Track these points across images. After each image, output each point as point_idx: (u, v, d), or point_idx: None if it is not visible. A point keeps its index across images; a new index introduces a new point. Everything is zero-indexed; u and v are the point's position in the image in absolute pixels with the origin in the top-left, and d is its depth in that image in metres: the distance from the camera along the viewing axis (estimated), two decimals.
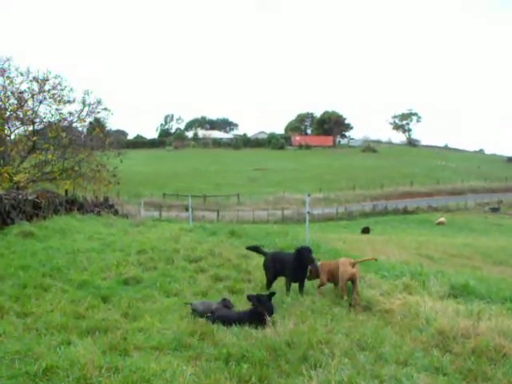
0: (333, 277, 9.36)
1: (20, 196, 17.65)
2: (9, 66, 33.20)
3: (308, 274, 9.45)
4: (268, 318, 6.99)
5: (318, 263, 9.53)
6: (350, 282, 8.99)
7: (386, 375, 5.17)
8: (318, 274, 9.49)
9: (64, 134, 32.74)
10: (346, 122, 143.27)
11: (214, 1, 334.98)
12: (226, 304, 7.78)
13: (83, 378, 4.67)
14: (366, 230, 36.68)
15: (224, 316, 7.30)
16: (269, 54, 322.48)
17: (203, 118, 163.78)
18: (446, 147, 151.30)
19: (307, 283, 9.55)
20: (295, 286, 9.44)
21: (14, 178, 29.12)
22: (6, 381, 4.75)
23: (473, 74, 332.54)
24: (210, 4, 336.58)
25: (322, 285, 9.42)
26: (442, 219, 49.43)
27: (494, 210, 63.75)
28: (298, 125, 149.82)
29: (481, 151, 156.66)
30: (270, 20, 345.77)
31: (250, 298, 7.63)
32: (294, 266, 9.23)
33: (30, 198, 18.26)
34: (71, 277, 9.83)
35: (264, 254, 10.32)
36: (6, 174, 29.12)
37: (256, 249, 10.84)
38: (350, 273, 8.87)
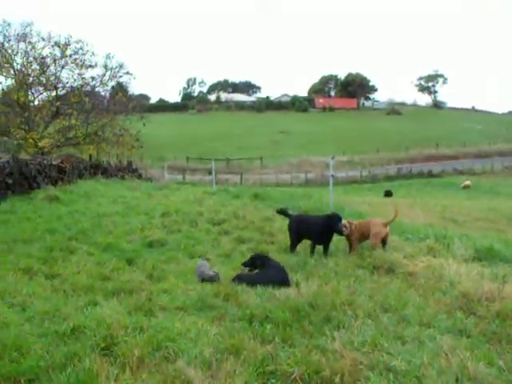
0: (363, 237, 9.58)
1: (45, 161, 17.86)
2: (30, 31, 33.31)
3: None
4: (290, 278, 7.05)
5: (353, 224, 9.63)
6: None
7: (408, 337, 5.18)
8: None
9: (87, 99, 32.90)
10: (371, 84, 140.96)
11: None
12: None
13: (110, 337, 4.76)
14: (388, 194, 36.35)
15: (248, 277, 7.35)
16: (291, 15, 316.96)
17: (226, 81, 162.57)
18: (473, 109, 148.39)
19: (332, 245, 9.56)
20: (319, 248, 9.46)
21: (39, 144, 29.50)
22: (37, 339, 4.87)
23: (499, 34, 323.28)
24: None
25: (354, 246, 9.54)
26: (468, 182, 48.77)
27: None
28: (322, 87, 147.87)
29: (509, 113, 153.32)
30: None
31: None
32: (321, 230, 9.23)
33: (54, 162, 18.48)
34: (96, 240, 9.99)
35: (289, 216, 10.32)
36: (30, 140, 29.54)
37: (283, 212, 10.83)
38: (384, 233, 9.40)
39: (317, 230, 9.30)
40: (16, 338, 4.76)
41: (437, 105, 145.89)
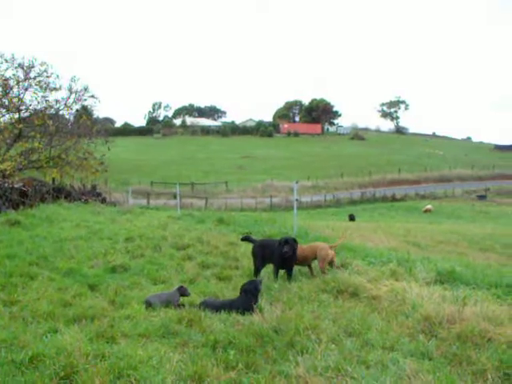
0: (306, 260, 9.87)
1: (6, 184, 17.56)
2: None
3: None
4: (255, 306, 7.00)
5: None
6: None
7: (372, 361, 5.21)
8: None
9: (50, 122, 32.34)
10: (334, 109, 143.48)
11: None
12: (182, 291, 7.70)
13: (70, 366, 4.65)
14: (351, 218, 36.85)
15: (211, 304, 7.29)
16: (257, 41, 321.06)
17: (191, 106, 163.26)
18: (433, 135, 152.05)
19: (295, 270, 9.58)
20: (283, 273, 9.47)
21: (0, 167, 28.84)
22: None
23: (461, 62, 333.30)
24: None
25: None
26: (429, 206, 49.74)
27: (481, 197, 64.14)
28: (287, 112, 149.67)
29: (468, 139, 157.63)
30: (260, 11, 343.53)
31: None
32: (281, 254, 9.24)
33: (16, 186, 18.18)
34: (58, 265, 9.78)
35: (253, 241, 10.32)
36: None
37: (247, 238, 10.85)
38: (330, 255, 9.75)
39: (277, 255, 9.33)
40: None
41: (399, 130, 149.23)
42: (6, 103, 32.76)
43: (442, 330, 6.15)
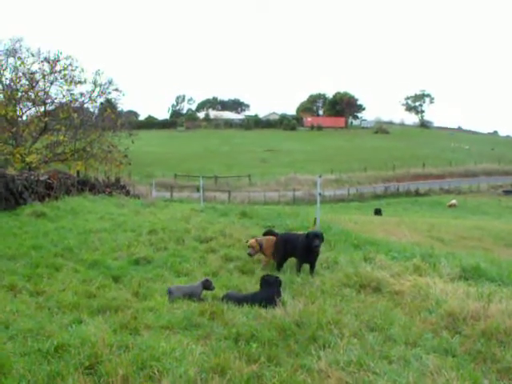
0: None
1: (32, 177, 17.75)
2: (20, 46, 33.19)
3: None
4: (278, 300, 7.00)
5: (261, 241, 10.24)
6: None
7: (394, 356, 5.18)
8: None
9: (75, 115, 32.75)
10: (359, 103, 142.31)
11: None
12: (207, 285, 7.70)
13: (94, 356, 4.71)
14: (378, 212, 36.45)
15: (235, 297, 7.30)
16: (282, 34, 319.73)
17: (215, 99, 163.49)
18: (459, 129, 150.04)
19: (318, 264, 9.55)
20: (306, 266, 9.45)
21: (26, 159, 29.30)
22: (19, 358, 4.81)
23: (487, 55, 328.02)
24: None
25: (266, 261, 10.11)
26: (454, 201, 49.20)
27: (508, 192, 63.09)
28: (310, 106, 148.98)
29: (495, 133, 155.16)
30: (283, 4, 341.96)
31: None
32: (305, 248, 9.22)
33: (42, 178, 18.36)
34: (83, 257, 9.91)
35: (275, 235, 10.32)
36: (18, 155, 29.34)
37: (270, 232, 10.85)
38: None
39: (300, 249, 9.30)
40: None
41: (424, 124, 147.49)
42: (33, 97, 33.25)
43: (466, 327, 6.08)
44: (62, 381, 4.31)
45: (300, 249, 9.33)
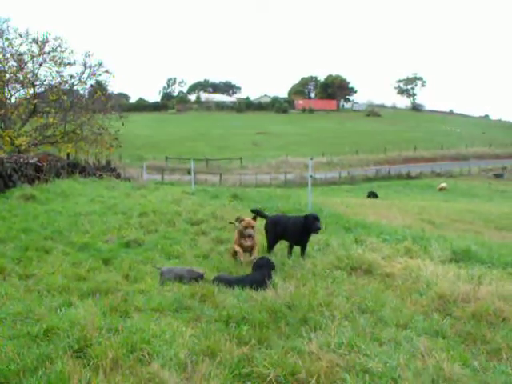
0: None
1: (21, 159, 17.63)
2: (7, 27, 32.79)
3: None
4: (269, 282, 6.97)
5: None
6: None
7: (385, 338, 5.18)
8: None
9: (65, 97, 32.51)
10: (350, 85, 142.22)
11: None
12: (197, 278, 7.44)
13: (83, 339, 4.67)
14: (372, 195, 36.26)
15: (226, 279, 7.26)
16: (272, 15, 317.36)
17: (206, 82, 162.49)
18: (450, 112, 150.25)
19: (309, 246, 9.53)
20: (297, 248, 9.43)
21: (16, 142, 29.07)
22: (8, 341, 4.76)
23: (480, 37, 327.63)
24: None
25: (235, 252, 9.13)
26: (444, 185, 49.37)
27: (498, 176, 63.50)
28: (302, 88, 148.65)
29: (486, 117, 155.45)
30: None
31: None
32: (299, 231, 9.17)
33: (31, 161, 18.25)
34: (73, 239, 9.87)
35: (265, 217, 10.27)
36: (7, 138, 29.08)
37: (258, 212, 10.80)
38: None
39: (294, 231, 9.26)
40: None
41: (415, 107, 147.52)
42: (21, 78, 32.89)
43: (456, 309, 6.10)
44: (51, 364, 4.27)
45: (293, 231, 9.30)
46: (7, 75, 32.50)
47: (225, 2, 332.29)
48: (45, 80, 34.27)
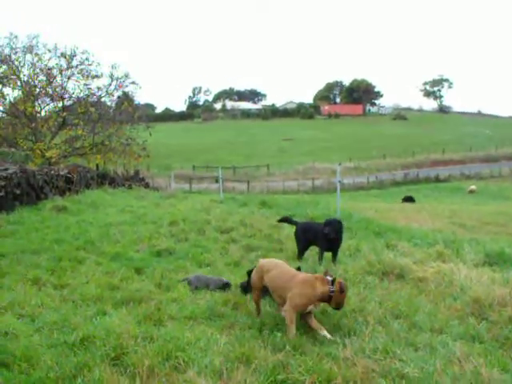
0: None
1: (52, 171, 17.91)
2: (37, 42, 33.47)
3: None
4: None
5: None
6: None
7: (420, 343, 5.13)
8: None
9: (93, 109, 33.00)
10: (376, 89, 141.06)
11: None
12: (224, 287, 7.55)
13: (119, 347, 4.73)
14: (408, 199, 35.89)
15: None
16: (296, 22, 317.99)
17: (231, 90, 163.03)
18: (479, 113, 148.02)
19: (340, 252, 9.48)
20: (328, 255, 9.40)
21: (46, 154, 29.60)
22: (46, 350, 4.85)
23: (503, 36, 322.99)
24: None
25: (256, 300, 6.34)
26: (473, 187, 48.62)
27: None
28: (327, 94, 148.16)
29: None
30: None
31: None
32: (324, 237, 9.16)
33: (62, 173, 18.52)
34: (104, 249, 9.97)
35: (295, 223, 10.27)
36: (38, 151, 29.65)
37: (287, 220, 10.82)
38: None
39: (322, 236, 9.24)
40: (25, 349, 4.75)
41: (442, 109, 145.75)
42: (50, 92, 33.53)
43: (492, 313, 6.01)
44: (88, 372, 4.33)
45: (321, 237, 9.28)
46: (37, 89, 33.16)
47: (248, 9, 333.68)
48: (73, 93, 34.91)
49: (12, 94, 34.89)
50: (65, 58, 33.62)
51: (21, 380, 4.22)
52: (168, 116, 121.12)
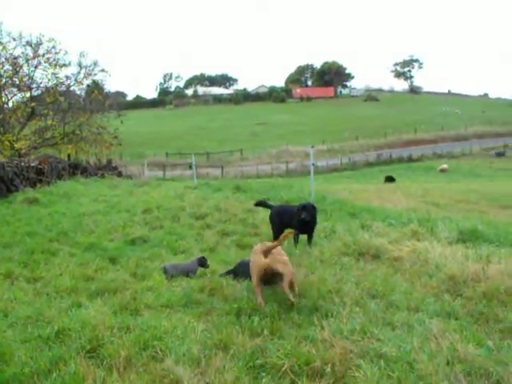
0: None
1: (22, 163, 17.62)
2: (0, 31, 32.68)
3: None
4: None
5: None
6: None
7: (397, 322, 5.14)
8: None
9: (62, 99, 32.52)
10: (347, 71, 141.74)
11: None
12: (202, 262, 7.61)
13: (95, 339, 4.65)
14: (389, 179, 36.57)
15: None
16: (266, 5, 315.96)
17: (202, 75, 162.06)
18: (449, 93, 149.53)
19: (315, 234, 9.49)
20: (304, 237, 9.40)
21: (15, 146, 29.06)
22: (20, 345, 4.75)
23: (476, 16, 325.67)
24: None
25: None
26: (445, 166, 49.29)
27: (500, 154, 63.19)
28: (299, 77, 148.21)
29: (485, 96, 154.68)
30: None
31: None
32: (300, 220, 9.16)
33: (32, 164, 18.23)
34: (78, 240, 9.85)
35: (270, 207, 10.26)
36: (6, 142, 29.10)
37: (262, 203, 10.80)
38: (261, 265, 5.91)
39: (295, 220, 9.24)
40: None
41: (413, 90, 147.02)
42: (17, 82, 32.88)
43: (467, 289, 6.06)
44: (64, 365, 4.25)
45: (296, 220, 9.28)
46: (3, 79, 32.49)
47: None
48: (41, 82, 34.33)
49: None
50: (31, 46, 32.98)
51: None
52: (139, 103, 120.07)
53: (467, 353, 4.29)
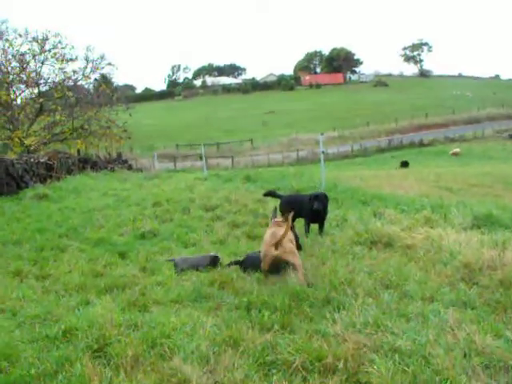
0: None
1: (32, 159, 17.61)
2: (6, 28, 32.72)
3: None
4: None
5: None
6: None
7: (412, 313, 4.99)
8: None
9: (70, 93, 32.49)
10: (356, 57, 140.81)
11: None
12: (214, 261, 7.41)
13: (102, 338, 4.56)
14: (404, 164, 36.66)
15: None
16: None
17: (210, 65, 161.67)
18: (459, 76, 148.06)
19: (327, 223, 9.36)
20: (315, 226, 9.27)
21: (25, 142, 29.10)
22: (27, 345, 4.68)
23: None
24: None
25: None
26: (457, 150, 48.91)
27: None
28: (307, 64, 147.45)
29: (496, 77, 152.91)
30: None
31: None
32: (311, 209, 9.03)
33: (42, 160, 18.22)
34: (88, 235, 9.78)
35: (279, 197, 10.13)
36: (16, 139, 29.16)
37: (272, 193, 10.67)
38: (272, 256, 6.24)
39: (306, 210, 9.11)
40: (6, 345, 4.58)
41: (423, 74, 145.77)
42: (25, 78, 32.87)
43: (483, 277, 5.89)
44: (70, 366, 4.15)
45: (306, 210, 9.15)
46: (11, 76, 32.48)
47: None
48: (48, 78, 34.33)
49: None
50: (37, 42, 32.93)
51: (0, 380, 4.04)
52: (148, 96, 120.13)
53: (485, 345, 4.15)
